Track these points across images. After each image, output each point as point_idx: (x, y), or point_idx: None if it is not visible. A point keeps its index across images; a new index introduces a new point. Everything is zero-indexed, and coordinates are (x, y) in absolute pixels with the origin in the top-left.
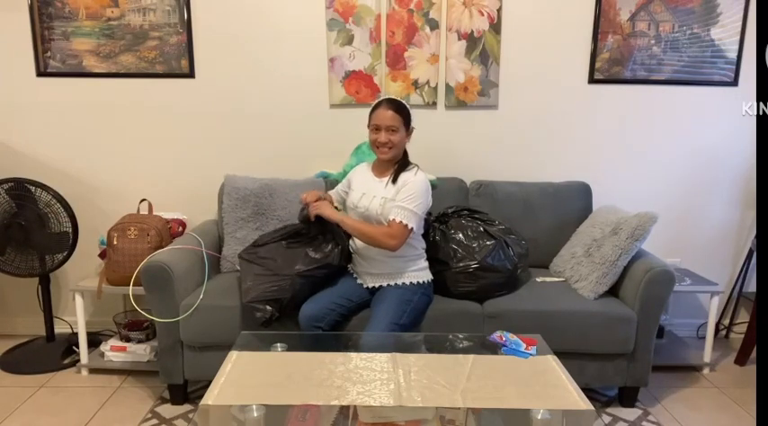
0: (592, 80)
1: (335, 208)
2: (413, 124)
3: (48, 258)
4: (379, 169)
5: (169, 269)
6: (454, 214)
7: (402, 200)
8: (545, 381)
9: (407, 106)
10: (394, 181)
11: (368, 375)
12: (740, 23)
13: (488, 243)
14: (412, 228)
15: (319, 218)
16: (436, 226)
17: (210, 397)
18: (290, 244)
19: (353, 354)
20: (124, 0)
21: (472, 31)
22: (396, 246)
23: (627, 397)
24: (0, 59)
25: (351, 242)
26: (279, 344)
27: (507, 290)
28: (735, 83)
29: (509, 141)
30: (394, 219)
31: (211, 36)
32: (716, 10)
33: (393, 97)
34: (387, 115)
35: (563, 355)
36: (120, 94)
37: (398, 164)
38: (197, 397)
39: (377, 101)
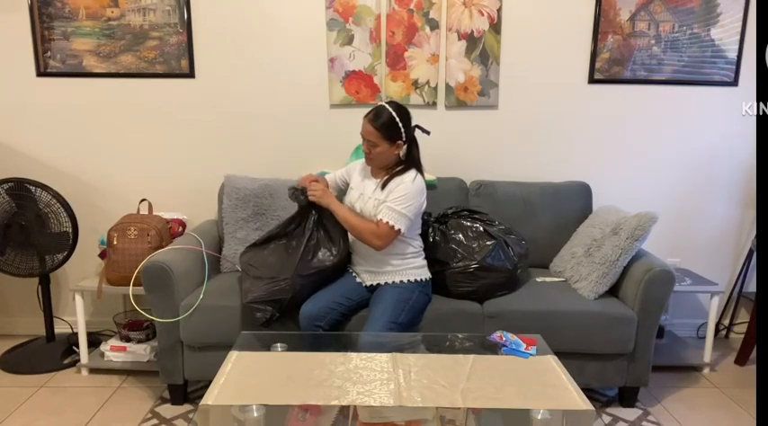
0: (592, 80)
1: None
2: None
3: (48, 258)
4: (375, 169)
5: (169, 269)
6: (454, 214)
7: (392, 201)
8: (545, 381)
9: (395, 118)
10: (383, 185)
11: (368, 375)
12: (740, 23)
13: (488, 243)
14: (399, 230)
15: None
16: (436, 226)
17: (210, 397)
18: (288, 245)
19: (353, 354)
20: (124, 0)
21: (472, 31)
22: (380, 246)
23: (627, 397)
24: (0, 59)
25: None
26: (279, 344)
27: (507, 290)
28: (735, 83)
29: (509, 141)
30: (381, 220)
31: (211, 36)
32: (716, 10)
33: (385, 105)
34: (365, 128)
35: (563, 355)
36: (120, 94)
37: (391, 169)
38: (197, 397)
39: (372, 107)
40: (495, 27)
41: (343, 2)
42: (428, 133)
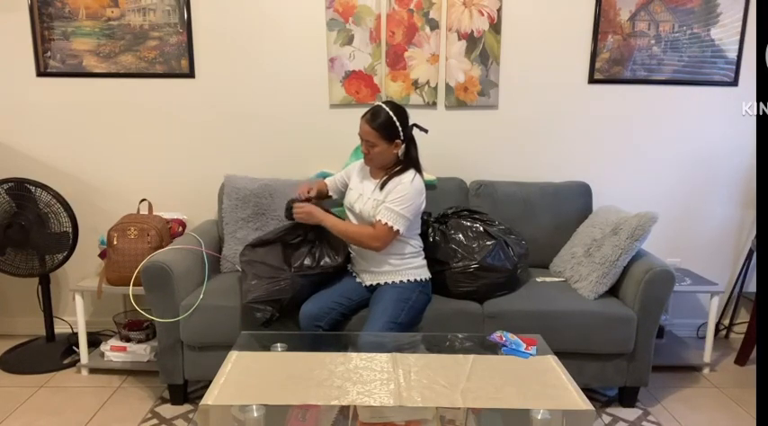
0: (592, 80)
1: (328, 195)
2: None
3: (48, 258)
4: (374, 169)
5: (169, 269)
6: (454, 214)
7: (390, 202)
8: (545, 381)
9: (393, 118)
10: (382, 186)
11: (368, 375)
12: (740, 23)
13: (488, 243)
14: (398, 231)
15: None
16: (436, 226)
17: (210, 397)
18: (288, 247)
19: (353, 354)
20: (124, 0)
21: (472, 31)
22: (379, 248)
23: (627, 397)
24: (0, 59)
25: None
26: (279, 344)
27: (507, 290)
28: (735, 83)
29: (509, 141)
30: (379, 221)
31: (211, 36)
32: (716, 10)
33: (382, 105)
34: (363, 129)
35: (563, 355)
36: (120, 94)
37: (390, 169)
38: (197, 397)
39: (369, 108)
40: (495, 27)
41: (343, 2)
42: (426, 131)
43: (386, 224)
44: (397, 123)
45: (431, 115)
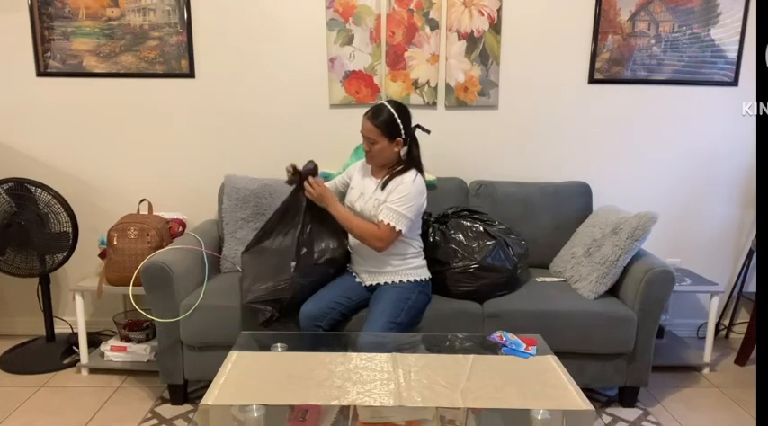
0: (592, 80)
1: None
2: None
3: (48, 258)
4: (376, 168)
5: (169, 269)
6: (454, 214)
7: (393, 202)
8: (545, 381)
9: (394, 116)
10: (384, 185)
11: (368, 375)
12: (740, 23)
13: (488, 243)
14: (400, 231)
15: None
16: (436, 226)
17: (210, 397)
18: (285, 242)
19: (353, 354)
20: (124, 0)
21: (472, 31)
22: (381, 248)
23: (627, 397)
24: (0, 59)
25: (348, 239)
26: (279, 344)
27: (507, 290)
28: (735, 83)
29: (509, 141)
30: (382, 221)
31: (211, 36)
32: (716, 10)
33: (385, 103)
34: (365, 126)
35: (563, 355)
36: (120, 94)
37: (392, 168)
38: (197, 397)
39: (371, 105)
40: (495, 27)
41: (343, 2)
42: (428, 132)
43: (388, 224)
44: (399, 121)
45: (431, 115)
